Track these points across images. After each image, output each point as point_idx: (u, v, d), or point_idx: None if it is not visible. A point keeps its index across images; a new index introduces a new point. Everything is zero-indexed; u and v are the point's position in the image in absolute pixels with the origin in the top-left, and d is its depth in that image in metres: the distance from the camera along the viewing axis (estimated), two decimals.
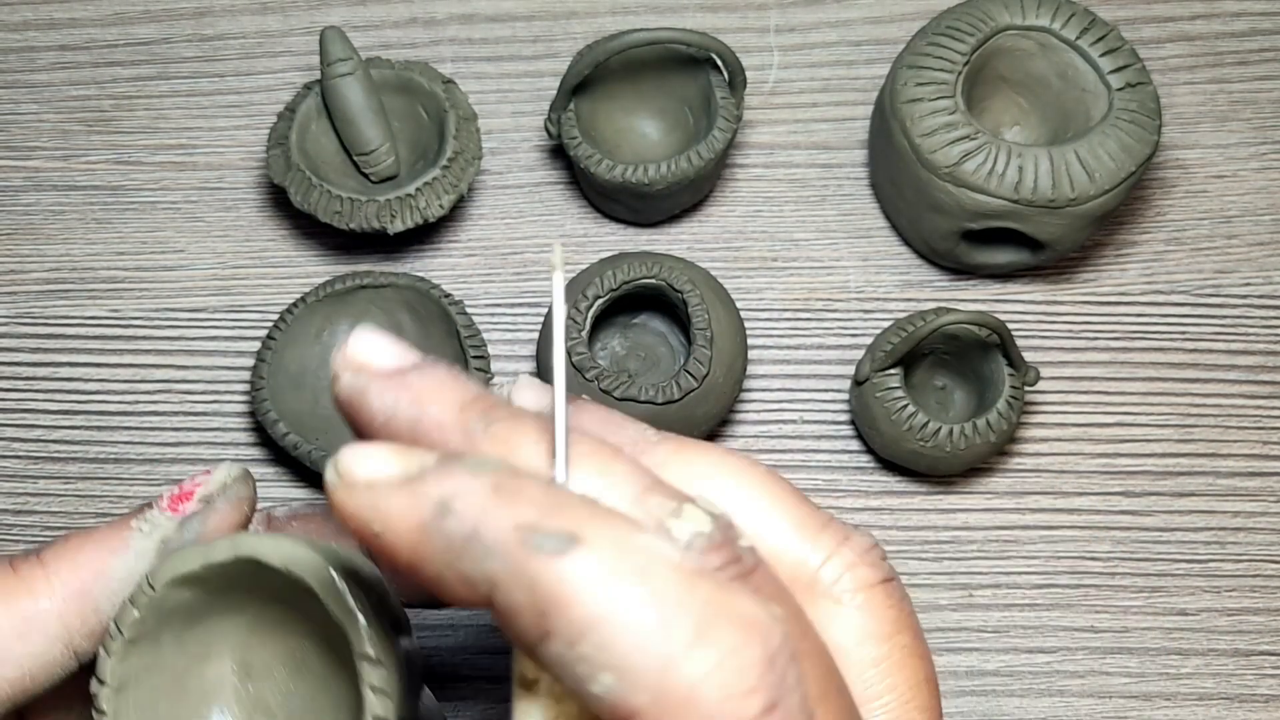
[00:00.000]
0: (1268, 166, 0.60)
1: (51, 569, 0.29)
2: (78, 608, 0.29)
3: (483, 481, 0.22)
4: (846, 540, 0.27)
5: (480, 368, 0.52)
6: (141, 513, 0.30)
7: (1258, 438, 0.56)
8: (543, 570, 0.21)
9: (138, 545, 0.30)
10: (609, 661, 0.21)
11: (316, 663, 0.30)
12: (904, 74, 0.54)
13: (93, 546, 0.30)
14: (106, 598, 0.29)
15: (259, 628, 0.30)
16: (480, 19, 0.62)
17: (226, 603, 0.29)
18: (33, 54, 0.61)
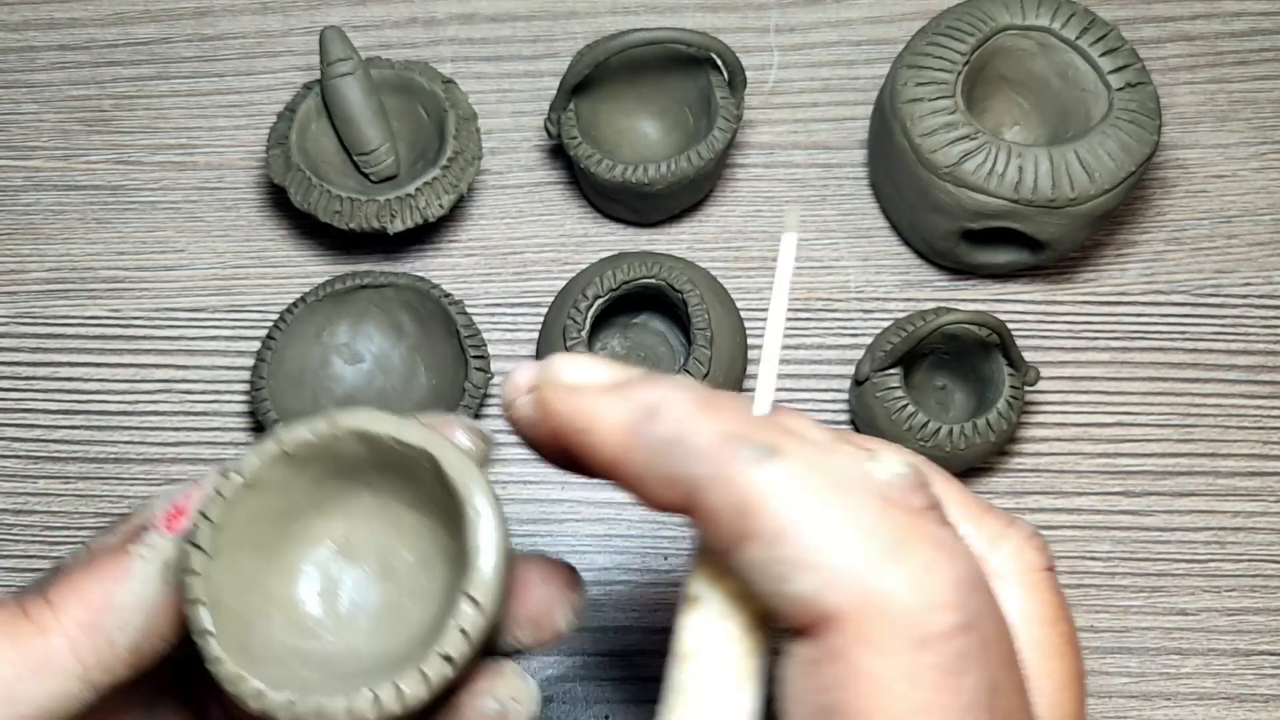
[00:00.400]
0: (1268, 166, 0.60)
1: (60, 608, 0.29)
2: (90, 642, 0.29)
3: (689, 394, 0.24)
4: (1012, 524, 0.28)
5: (480, 368, 0.52)
6: (139, 537, 0.30)
7: (1258, 438, 0.56)
8: (747, 474, 0.22)
9: (141, 572, 0.30)
10: (810, 563, 0.22)
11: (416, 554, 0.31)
12: (904, 74, 0.54)
13: (96, 580, 0.30)
14: (118, 628, 0.29)
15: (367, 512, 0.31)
16: (480, 19, 0.62)
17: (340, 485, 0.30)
18: (33, 54, 0.61)
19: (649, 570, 0.54)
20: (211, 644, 0.28)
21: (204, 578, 0.28)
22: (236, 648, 0.28)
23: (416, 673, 0.27)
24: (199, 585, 0.28)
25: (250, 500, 0.29)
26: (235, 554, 0.29)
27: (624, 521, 0.54)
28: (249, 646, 0.29)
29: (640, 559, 0.54)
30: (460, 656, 0.27)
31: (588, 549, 0.54)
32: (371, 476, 0.30)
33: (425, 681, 0.27)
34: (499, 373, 0.56)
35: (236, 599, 0.29)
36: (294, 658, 0.30)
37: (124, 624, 0.29)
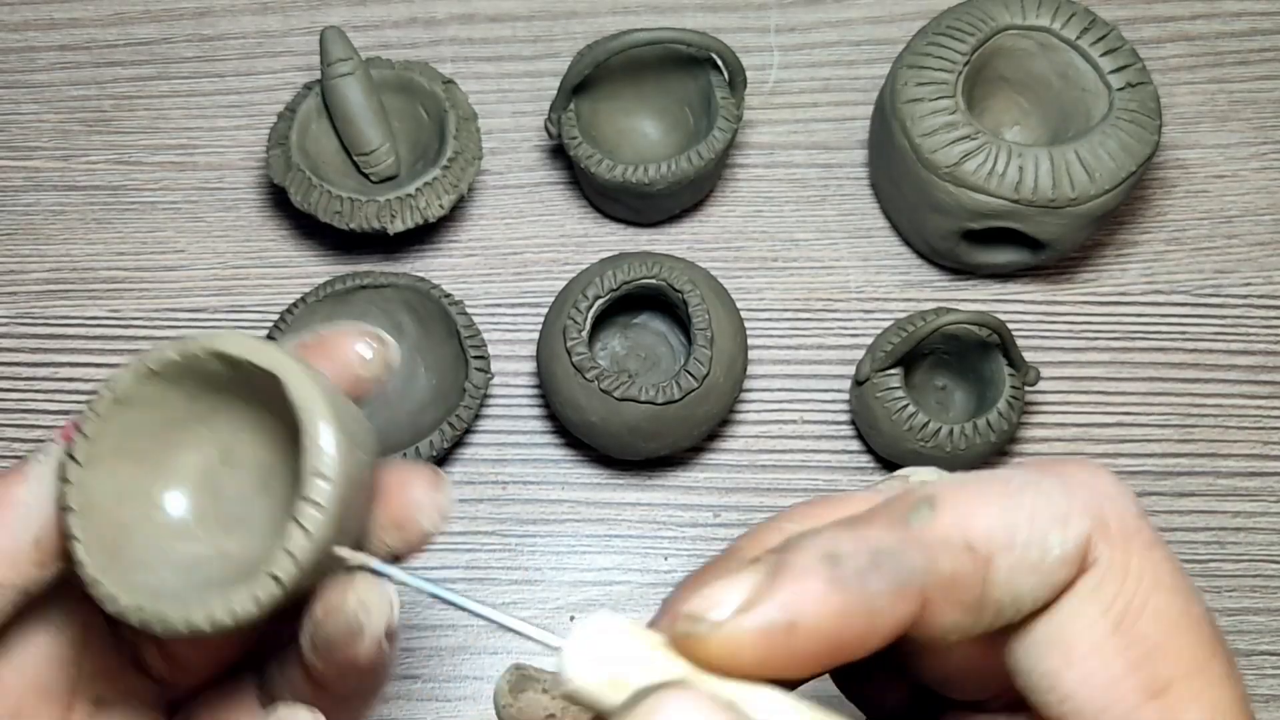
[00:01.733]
0: (1268, 166, 0.60)
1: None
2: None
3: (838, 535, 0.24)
4: None
5: (480, 368, 0.52)
6: (41, 448, 0.32)
7: (1258, 438, 0.56)
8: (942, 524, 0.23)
9: (37, 472, 0.31)
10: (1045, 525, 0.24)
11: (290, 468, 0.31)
12: (904, 74, 0.54)
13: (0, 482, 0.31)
14: (19, 522, 0.31)
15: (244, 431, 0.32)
16: (480, 19, 0.62)
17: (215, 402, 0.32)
18: (33, 54, 0.61)
19: (649, 570, 0.54)
20: (77, 549, 0.29)
21: (77, 486, 0.30)
22: (107, 554, 0.30)
23: (247, 591, 0.28)
24: (70, 493, 0.30)
25: (124, 414, 0.30)
26: (113, 463, 0.30)
27: (624, 522, 0.54)
28: (122, 553, 0.30)
29: (640, 559, 0.54)
30: (289, 577, 0.28)
31: (588, 549, 0.54)
32: (245, 393, 0.31)
33: (255, 600, 0.28)
34: (499, 373, 0.56)
35: (114, 506, 0.30)
36: (166, 564, 0.31)
37: (25, 519, 0.31)
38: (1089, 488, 0.24)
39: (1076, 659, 0.24)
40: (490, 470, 0.55)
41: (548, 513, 0.54)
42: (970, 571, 0.23)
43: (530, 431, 0.55)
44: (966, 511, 0.23)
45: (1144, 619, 0.24)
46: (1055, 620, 0.24)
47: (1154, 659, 0.24)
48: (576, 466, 0.55)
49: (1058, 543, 0.23)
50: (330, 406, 0.29)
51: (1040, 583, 0.23)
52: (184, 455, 0.32)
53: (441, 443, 0.51)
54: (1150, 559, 0.25)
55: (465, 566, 0.53)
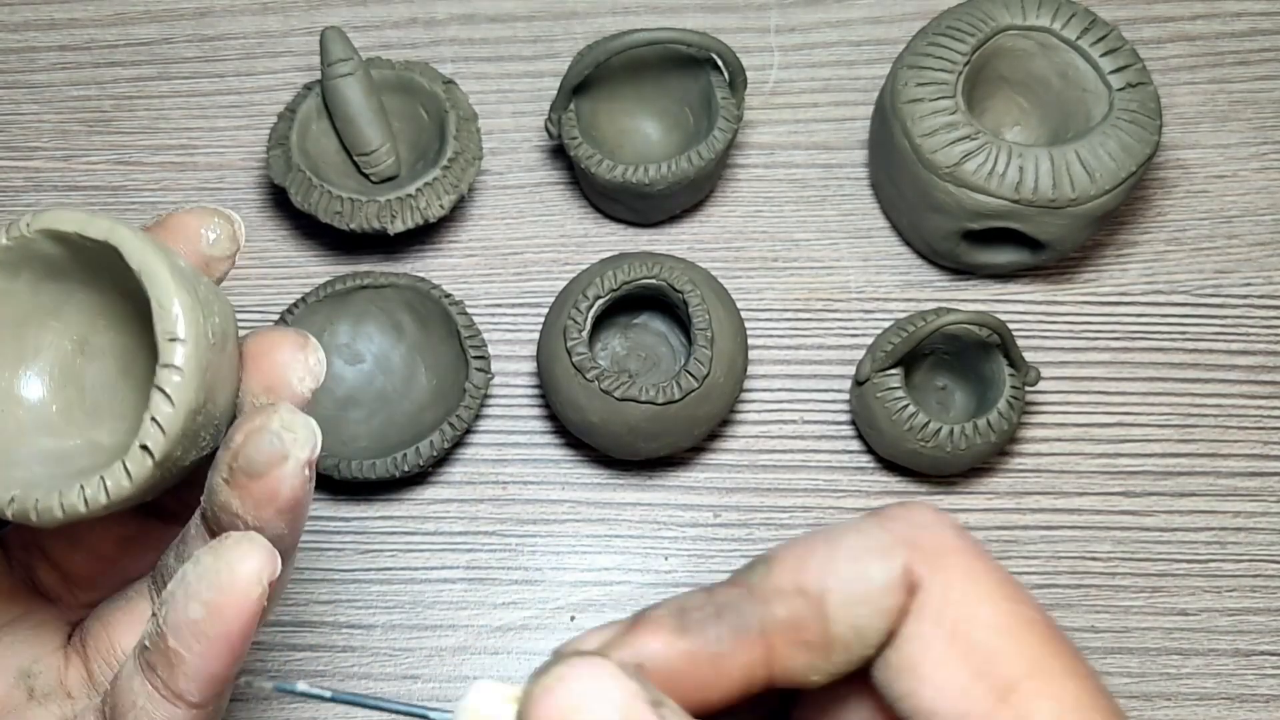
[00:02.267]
0: (1268, 166, 0.60)
1: None
2: None
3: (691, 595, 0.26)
4: None
5: (481, 368, 0.52)
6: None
7: (1258, 438, 0.56)
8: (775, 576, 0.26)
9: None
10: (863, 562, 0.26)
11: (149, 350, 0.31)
12: (904, 74, 0.54)
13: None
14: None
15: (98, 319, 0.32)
16: (480, 19, 0.62)
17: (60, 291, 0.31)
18: (33, 54, 0.61)
19: (649, 570, 0.54)
20: None
21: None
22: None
23: (119, 467, 0.28)
24: None
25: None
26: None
27: (624, 522, 0.54)
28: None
29: (640, 559, 0.54)
30: (157, 445, 0.28)
31: (588, 549, 0.54)
32: (90, 277, 0.30)
33: (128, 474, 0.28)
34: (499, 373, 0.56)
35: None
36: (36, 459, 0.30)
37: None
38: (903, 520, 0.26)
39: (925, 676, 0.25)
40: (490, 470, 0.55)
41: (548, 513, 0.54)
42: (806, 613, 0.25)
43: (530, 432, 0.55)
44: (796, 562, 0.26)
45: (976, 628, 0.25)
46: (900, 646, 0.26)
47: (994, 663, 0.25)
48: (577, 467, 0.55)
49: (879, 571, 0.25)
50: (174, 271, 0.28)
51: (873, 611, 0.25)
52: (39, 351, 0.32)
53: (441, 443, 0.51)
54: (971, 572, 0.26)
55: (465, 567, 0.53)
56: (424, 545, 0.54)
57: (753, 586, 0.26)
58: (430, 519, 0.54)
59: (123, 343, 0.32)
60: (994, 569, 0.26)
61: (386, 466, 0.51)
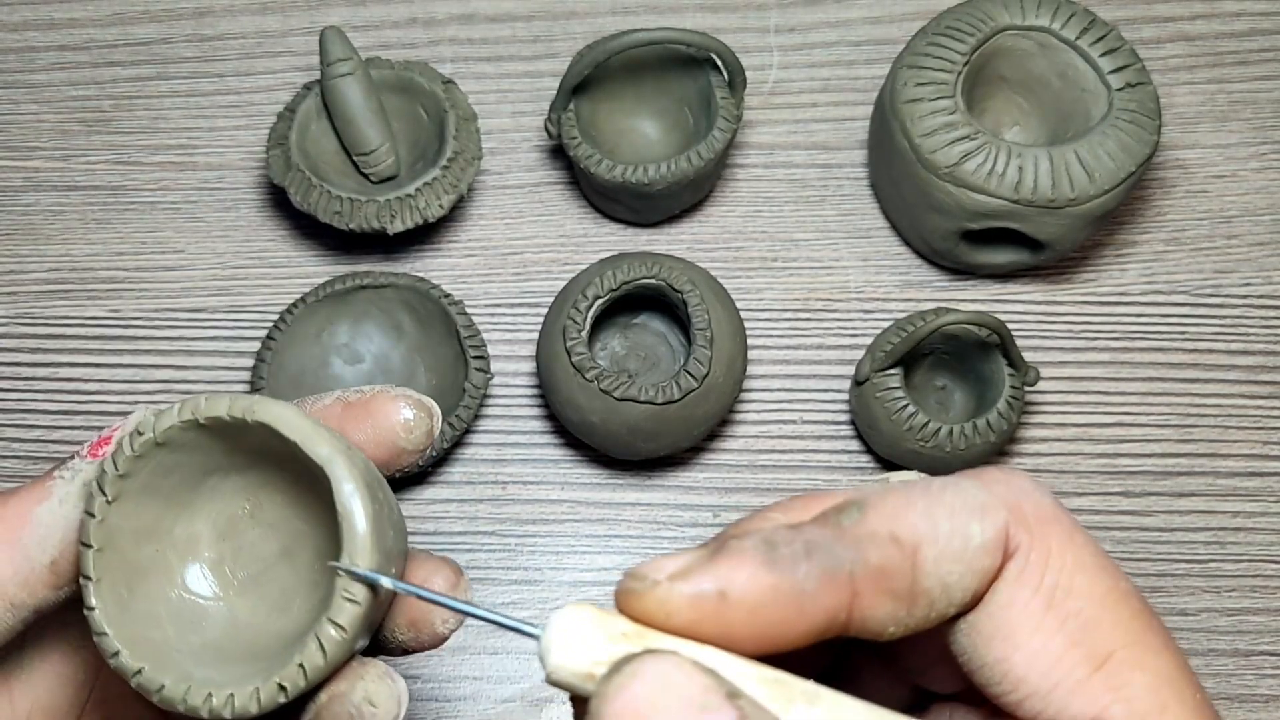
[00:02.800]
0: (1267, 166, 0.60)
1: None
2: (8, 556, 0.30)
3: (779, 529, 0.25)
4: None
5: (480, 368, 0.52)
6: (64, 463, 0.31)
7: (1258, 438, 0.56)
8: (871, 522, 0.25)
9: (61, 491, 0.30)
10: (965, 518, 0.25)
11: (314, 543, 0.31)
12: (904, 74, 0.54)
13: (16, 499, 0.30)
14: (36, 544, 0.30)
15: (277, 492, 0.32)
16: (480, 19, 0.62)
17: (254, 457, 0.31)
18: (32, 54, 0.61)
19: None
20: (89, 591, 0.29)
21: (100, 523, 0.29)
22: (118, 601, 0.29)
23: (250, 690, 0.28)
24: (93, 530, 0.29)
25: (160, 455, 0.29)
26: (139, 501, 0.29)
27: (624, 522, 0.54)
28: (132, 599, 0.29)
29: (640, 559, 0.54)
30: (295, 689, 0.28)
31: (588, 549, 0.54)
32: (285, 460, 0.30)
33: (257, 702, 0.28)
34: (499, 373, 0.56)
35: (132, 546, 0.30)
36: (174, 618, 0.30)
37: (42, 540, 0.30)
38: (1004, 484, 0.26)
39: (1019, 642, 0.25)
40: (490, 470, 0.55)
41: (547, 513, 0.54)
42: (898, 562, 0.25)
43: (530, 431, 0.55)
44: (892, 510, 0.25)
45: (1074, 596, 0.25)
46: (991, 610, 0.25)
47: (1091, 632, 0.25)
48: (576, 466, 0.55)
49: (977, 531, 0.25)
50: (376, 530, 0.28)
51: (966, 570, 0.25)
52: (212, 503, 0.31)
53: (441, 443, 0.51)
54: (1071, 542, 0.26)
55: (465, 566, 0.53)
56: (423, 545, 0.54)
57: (844, 529, 0.25)
58: (430, 519, 0.54)
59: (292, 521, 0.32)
60: (1090, 541, 0.26)
61: None
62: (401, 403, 0.32)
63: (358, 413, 0.32)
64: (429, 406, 0.33)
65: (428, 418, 0.32)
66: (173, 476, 0.30)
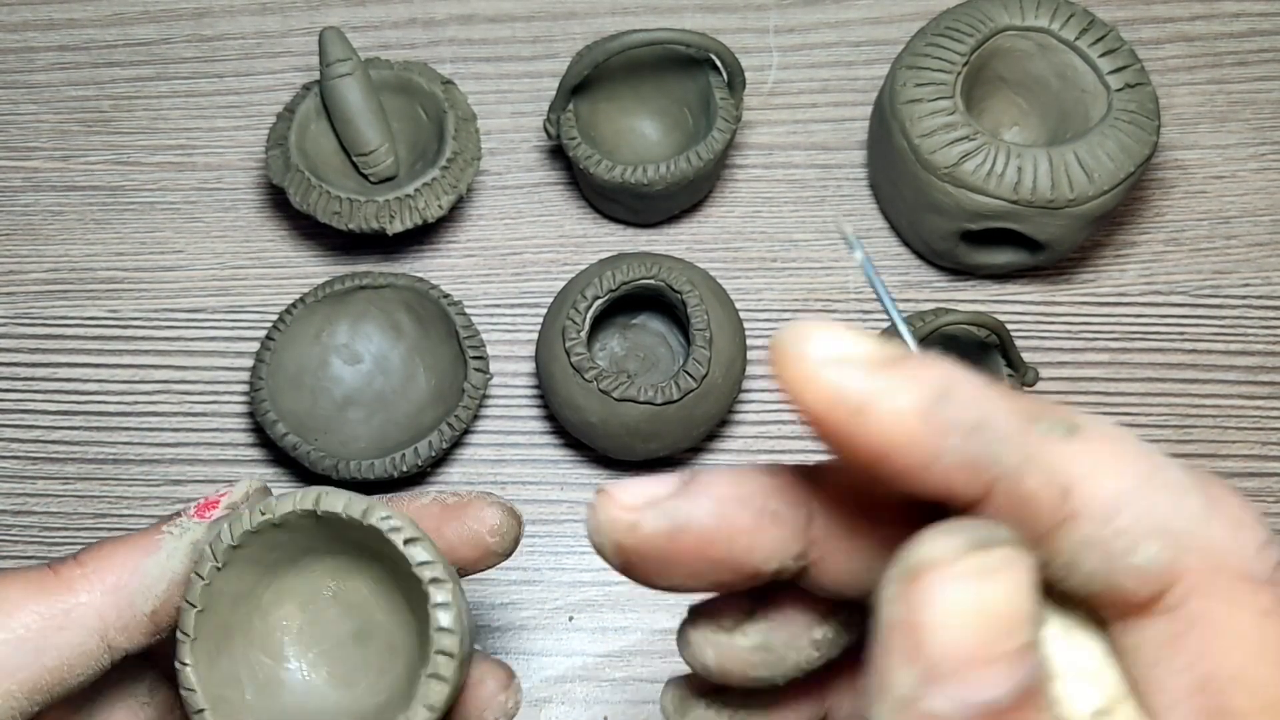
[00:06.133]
0: (1267, 167, 0.60)
1: (89, 568, 0.32)
2: (113, 602, 0.31)
3: (974, 377, 0.22)
4: None
5: (479, 369, 0.52)
6: (171, 519, 0.33)
7: (1257, 438, 0.56)
8: (1063, 453, 0.22)
9: (169, 546, 0.32)
10: (1152, 529, 0.21)
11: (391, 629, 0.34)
12: (903, 74, 0.54)
13: (127, 548, 0.32)
14: (140, 593, 0.32)
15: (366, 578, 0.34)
16: (479, 20, 0.62)
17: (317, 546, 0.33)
18: (32, 54, 0.61)
19: None
20: (184, 648, 0.31)
21: (207, 586, 0.31)
22: (208, 660, 0.31)
23: None
24: (200, 592, 0.31)
25: (272, 533, 0.32)
26: (241, 569, 0.32)
27: None
28: (219, 659, 0.32)
29: None
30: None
31: (587, 549, 0.54)
32: (380, 554, 0.32)
33: None
34: (498, 373, 0.56)
35: (228, 608, 0.32)
36: (249, 677, 0.32)
37: (146, 590, 0.32)
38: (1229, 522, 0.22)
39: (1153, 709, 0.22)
40: (489, 470, 0.55)
41: (547, 513, 0.54)
42: (1046, 508, 0.21)
43: (529, 432, 0.55)
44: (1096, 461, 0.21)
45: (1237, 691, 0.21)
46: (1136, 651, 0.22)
47: None
48: (575, 467, 0.55)
49: (1151, 554, 0.21)
50: (462, 644, 0.31)
51: (1101, 577, 0.21)
52: (302, 578, 0.34)
53: (440, 443, 0.51)
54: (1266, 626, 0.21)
55: None
56: None
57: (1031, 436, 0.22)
58: None
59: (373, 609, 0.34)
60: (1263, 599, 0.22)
61: (385, 467, 0.51)
62: (495, 509, 0.35)
63: (454, 515, 0.35)
64: (518, 515, 0.35)
65: (516, 525, 0.35)
66: (275, 552, 0.32)
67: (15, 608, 0.31)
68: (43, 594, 0.31)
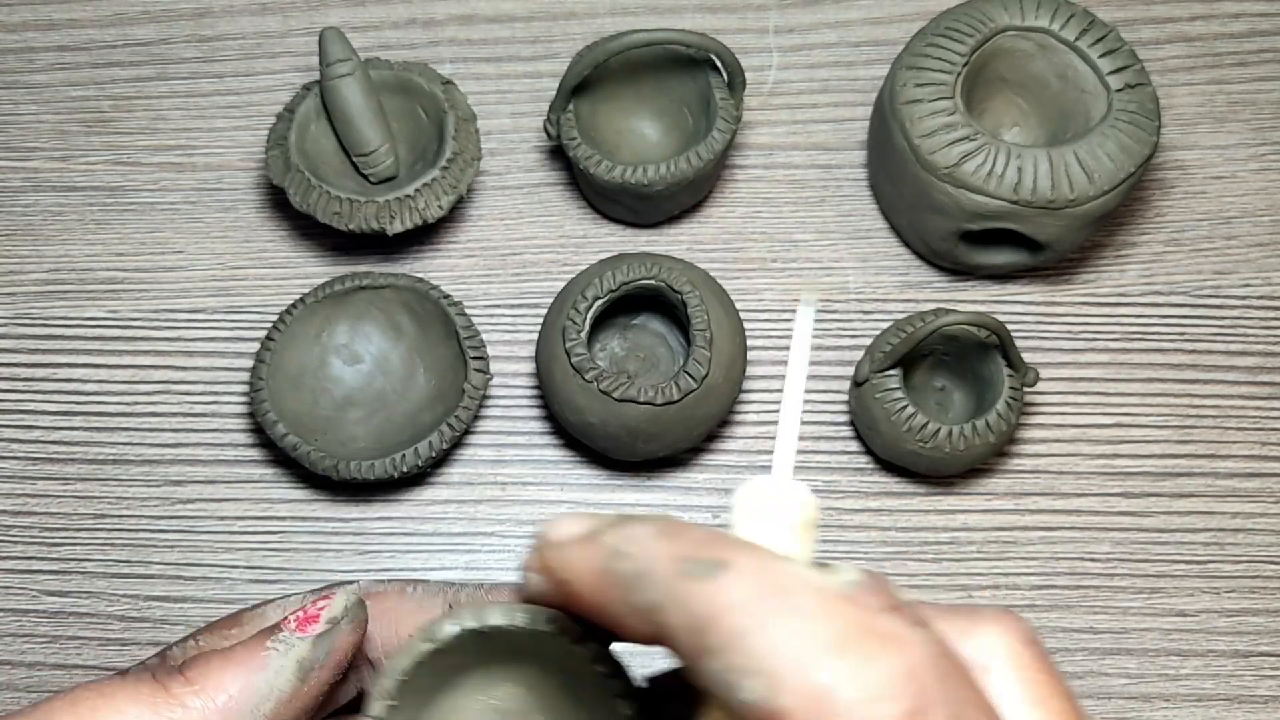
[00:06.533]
0: (1267, 168, 0.60)
1: (199, 685, 0.32)
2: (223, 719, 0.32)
3: (649, 528, 0.25)
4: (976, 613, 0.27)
5: (480, 369, 0.52)
6: (273, 633, 0.34)
7: (1257, 438, 0.56)
8: (695, 592, 0.24)
9: (276, 663, 0.33)
10: (756, 668, 0.22)
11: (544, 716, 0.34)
12: (903, 75, 0.54)
13: (235, 666, 0.33)
14: (249, 711, 0.32)
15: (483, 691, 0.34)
16: (479, 20, 0.62)
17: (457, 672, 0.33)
18: (31, 55, 0.61)
19: None
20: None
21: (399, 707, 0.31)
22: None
23: None
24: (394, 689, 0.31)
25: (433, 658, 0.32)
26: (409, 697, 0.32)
27: None
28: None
29: None
30: None
31: None
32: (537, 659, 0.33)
33: None
34: (498, 374, 0.56)
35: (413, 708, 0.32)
36: None
37: (255, 709, 0.33)
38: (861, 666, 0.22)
39: None
40: (489, 471, 0.55)
41: (547, 513, 0.54)
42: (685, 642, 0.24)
43: (529, 432, 0.55)
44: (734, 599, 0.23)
45: None
46: None
47: None
48: (576, 467, 0.55)
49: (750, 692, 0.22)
50: None
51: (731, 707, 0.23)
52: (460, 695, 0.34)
53: (440, 443, 0.51)
54: None
55: (464, 568, 0.53)
56: (423, 546, 0.54)
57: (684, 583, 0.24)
58: (429, 520, 0.54)
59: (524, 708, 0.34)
60: None
61: (385, 467, 0.51)
62: None
63: None
64: None
65: None
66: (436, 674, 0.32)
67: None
68: (156, 712, 0.31)
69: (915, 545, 0.54)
